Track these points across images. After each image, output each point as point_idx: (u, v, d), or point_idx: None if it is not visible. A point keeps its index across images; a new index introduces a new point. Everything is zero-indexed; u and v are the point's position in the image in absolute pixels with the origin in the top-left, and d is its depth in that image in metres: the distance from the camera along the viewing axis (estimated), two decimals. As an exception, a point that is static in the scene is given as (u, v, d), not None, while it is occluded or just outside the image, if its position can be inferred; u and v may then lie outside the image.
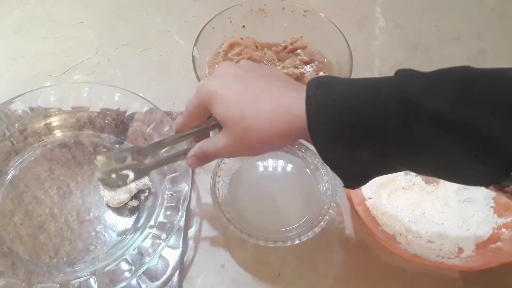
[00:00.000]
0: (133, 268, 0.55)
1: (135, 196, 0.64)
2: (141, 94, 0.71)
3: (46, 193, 0.65)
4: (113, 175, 0.47)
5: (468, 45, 0.90)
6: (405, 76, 0.39)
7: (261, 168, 0.67)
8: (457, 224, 0.61)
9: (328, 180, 0.62)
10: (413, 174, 0.67)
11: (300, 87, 0.42)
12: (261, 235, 0.58)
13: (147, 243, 0.58)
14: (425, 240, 0.60)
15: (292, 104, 0.40)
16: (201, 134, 0.49)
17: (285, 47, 0.81)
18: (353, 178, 0.43)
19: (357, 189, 0.64)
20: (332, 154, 0.41)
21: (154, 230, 0.59)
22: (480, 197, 0.63)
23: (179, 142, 0.50)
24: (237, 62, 0.77)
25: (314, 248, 0.62)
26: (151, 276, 0.58)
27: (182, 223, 0.62)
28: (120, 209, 0.64)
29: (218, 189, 0.61)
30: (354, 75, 0.71)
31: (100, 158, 0.46)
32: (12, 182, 0.66)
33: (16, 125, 0.69)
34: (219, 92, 0.43)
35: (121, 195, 0.62)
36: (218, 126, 0.48)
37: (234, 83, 0.44)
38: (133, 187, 0.63)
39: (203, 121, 0.48)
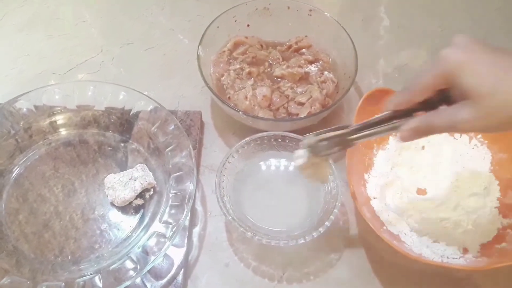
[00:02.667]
0: (138, 267, 0.55)
1: (140, 195, 0.64)
2: (145, 93, 0.71)
3: (51, 191, 0.65)
4: (324, 142, 0.51)
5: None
6: None
7: (265, 168, 0.67)
8: (461, 223, 0.61)
9: (333, 179, 0.62)
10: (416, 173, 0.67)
11: None
12: (266, 234, 0.58)
13: (152, 241, 0.58)
14: (430, 240, 0.60)
15: None
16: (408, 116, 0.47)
17: (290, 46, 0.80)
18: None
19: (362, 189, 0.64)
20: None
21: (159, 229, 0.59)
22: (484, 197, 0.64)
23: (393, 122, 0.48)
24: (242, 61, 0.77)
25: (318, 248, 0.63)
26: (156, 274, 0.58)
27: (187, 222, 0.62)
28: (125, 208, 0.64)
29: (222, 188, 0.61)
30: (359, 75, 0.71)
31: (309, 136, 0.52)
32: (17, 180, 0.66)
33: (21, 123, 0.69)
34: (467, 61, 0.41)
35: (126, 194, 0.62)
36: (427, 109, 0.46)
37: (482, 53, 0.42)
38: (138, 185, 0.63)
39: (427, 97, 0.46)
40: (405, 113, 0.47)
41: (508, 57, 0.41)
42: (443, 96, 0.45)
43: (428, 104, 0.46)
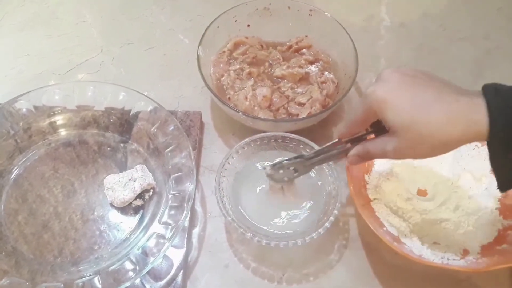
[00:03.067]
0: (137, 268, 0.55)
1: (140, 196, 0.64)
2: (145, 93, 0.71)
3: (50, 192, 0.65)
4: (281, 171, 0.58)
5: (474, 45, 0.89)
6: None
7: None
8: (461, 224, 0.61)
9: (333, 181, 0.61)
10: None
11: (470, 93, 0.44)
12: (265, 235, 0.58)
13: (151, 242, 0.57)
14: (430, 241, 0.59)
15: (469, 110, 0.42)
16: (358, 141, 0.53)
17: (290, 47, 0.80)
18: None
19: (362, 190, 0.64)
20: (502, 158, 0.43)
21: (158, 230, 0.59)
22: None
23: (339, 147, 0.55)
24: (242, 61, 0.77)
25: (318, 249, 0.62)
26: (155, 276, 0.58)
27: (186, 223, 0.62)
28: (124, 209, 0.64)
29: (222, 189, 0.61)
30: (359, 75, 0.70)
31: (267, 168, 0.59)
32: (16, 181, 0.66)
33: (21, 124, 0.69)
34: (388, 98, 0.45)
35: (126, 195, 0.62)
36: (374, 133, 0.52)
37: (402, 89, 0.45)
38: (137, 186, 0.63)
39: (365, 127, 0.52)
40: (358, 139, 0.53)
41: (429, 90, 0.45)
42: None
43: (379, 128, 0.51)
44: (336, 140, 0.55)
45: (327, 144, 0.56)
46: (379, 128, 0.51)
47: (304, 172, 0.58)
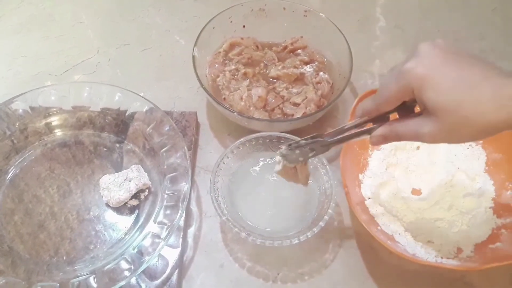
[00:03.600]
0: (133, 267, 0.55)
1: (135, 196, 0.64)
2: (141, 94, 0.71)
3: (46, 192, 0.65)
4: (297, 151, 0.53)
5: (469, 45, 0.89)
6: None
7: (260, 168, 0.67)
8: (455, 223, 0.61)
9: (327, 180, 0.62)
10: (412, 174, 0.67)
11: None
12: (260, 235, 0.58)
13: (147, 242, 0.58)
14: (424, 240, 0.60)
15: None
16: (380, 121, 0.48)
17: (285, 47, 0.81)
18: None
19: (356, 189, 0.64)
20: None
21: (153, 229, 0.59)
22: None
23: (363, 127, 0.50)
24: (238, 62, 0.77)
25: (313, 248, 0.63)
26: (151, 275, 0.59)
27: (181, 223, 0.63)
28: (120, 208, 0.64)
29: (217, 189, 0.61)
30: (354, 76, 0.71)
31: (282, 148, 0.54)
32: (13, 181, 0.66)
33: (17, 124, 0.69)
34: (430, 76, 0.41)
35: (121, 195, 0.62)
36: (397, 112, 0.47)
37: (445, 67, 0.41)
38: (133, 186, 0.63)
39: (395, 106, 0.47)
40: (380, 117, 0.48)
41: (475, 68, 0.41)
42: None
43: (403, 108, 0.47)
44: (358, 118, 0.50)
45: (348, 123, 0.51)
46: (403, 108, 0.47)
47: (321, 151, 0.54)
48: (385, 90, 0.45)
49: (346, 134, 0.51)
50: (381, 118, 0.48)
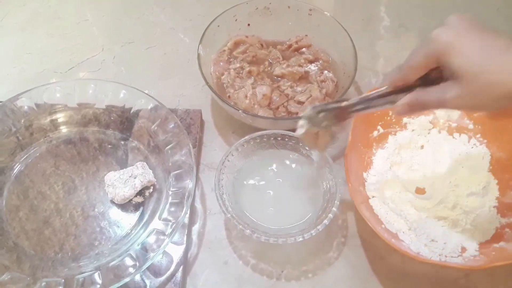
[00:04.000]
0: (137, 264, 0.55)
1: (140, 193, 0.65)
2: (146, 91, 0.71)
3: (51, 188, 0.66)
4: (322, 114, 0.53)
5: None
6: None
7: (265, 166, 0.67)
8: (459, 222, 0.61)
9: (332, 178, 0.62)
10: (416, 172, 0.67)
11: None
12: (265, 232, 0.58)
13: (151, 239, 0.58)
14: (428, 239, 0.60)
15: None
16: (405, 91, 0.48)
17: (290, 46, 0.81)
18: None
19: (360, 188, 0.64)
20: None
21: (158, 226, 0.59)
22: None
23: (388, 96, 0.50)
24: (242, 60, 0.77)
25: (317, 246, 0.63)
26: (155, 271, 0.59)
27: (186, 220, 0.63)
28: (124, 205, 0.64)
29: (222, 186, 0.61)
30: (359, 74, 0.71)
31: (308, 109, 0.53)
32: (18, 178, 0.67)
33: (22, 121, 0.69)
34: (456, 42, 0.42)
35: (126, 191, 0.63)
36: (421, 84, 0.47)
37: (471, 34, 0.43)
38: (137, 183, 0.63)
39: (421, 75, 0.47)
40: (405, 88, 0.48)
41: (500, 39, 0.42)
42: (441, 72, 0.46)
43: (428, 79, 0.47)
44: (384, 87, 0.50)
45: (376, 91, 0.50)
46: (427, 80, 0.47)
47: (344, 118, 0.53)
48: (412, 57, 0.47)
49: (370, 102, 0.51)
50: (407, 90, 0.48)
